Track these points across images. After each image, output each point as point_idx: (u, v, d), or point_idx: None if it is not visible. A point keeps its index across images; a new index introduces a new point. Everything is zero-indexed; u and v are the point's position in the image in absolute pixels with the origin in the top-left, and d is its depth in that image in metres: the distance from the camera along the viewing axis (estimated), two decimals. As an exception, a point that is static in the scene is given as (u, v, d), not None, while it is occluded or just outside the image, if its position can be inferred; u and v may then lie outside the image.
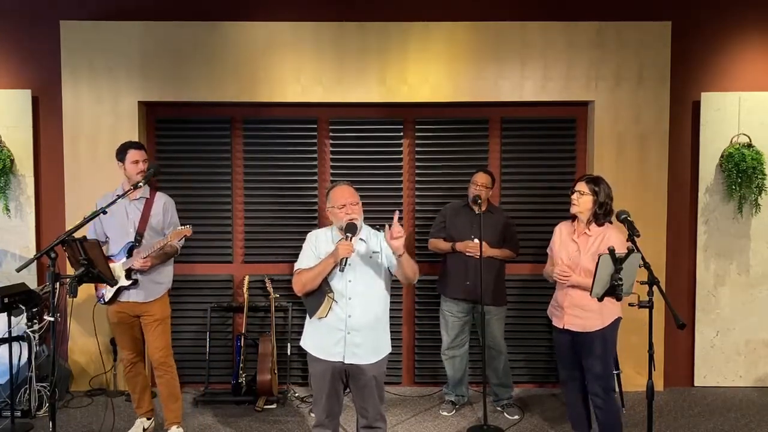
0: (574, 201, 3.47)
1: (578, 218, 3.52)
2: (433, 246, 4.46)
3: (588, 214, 3.45)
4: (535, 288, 4.89)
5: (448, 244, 4.33)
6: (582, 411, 3.67)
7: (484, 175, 4.31)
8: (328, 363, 2.99)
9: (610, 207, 3.45)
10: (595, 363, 3.42)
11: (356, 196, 3.03)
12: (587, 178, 3.52)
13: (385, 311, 3.08)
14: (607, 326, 3.41)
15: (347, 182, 3.12)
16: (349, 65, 4.74)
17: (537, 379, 4.99)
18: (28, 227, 4.87)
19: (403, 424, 4.28)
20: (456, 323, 4.36)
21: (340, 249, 2.84)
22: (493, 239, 4.26)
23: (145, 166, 3.73)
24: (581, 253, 3.44)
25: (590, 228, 3.46)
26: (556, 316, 3.59)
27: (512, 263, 4.63)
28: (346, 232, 2.90)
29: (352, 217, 2.95)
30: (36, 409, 4.32)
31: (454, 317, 4.36)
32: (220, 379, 4.88)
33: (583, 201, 3.44)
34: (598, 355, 3.41)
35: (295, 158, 4.95)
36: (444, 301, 4.43)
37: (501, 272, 4.39)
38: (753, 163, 4.75)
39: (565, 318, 3.49)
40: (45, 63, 4.84)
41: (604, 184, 3.45)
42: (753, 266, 4.94)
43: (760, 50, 4.93)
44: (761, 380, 4.98)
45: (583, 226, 3.49)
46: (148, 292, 3.77)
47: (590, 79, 4.75)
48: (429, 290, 4.88)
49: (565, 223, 3.64)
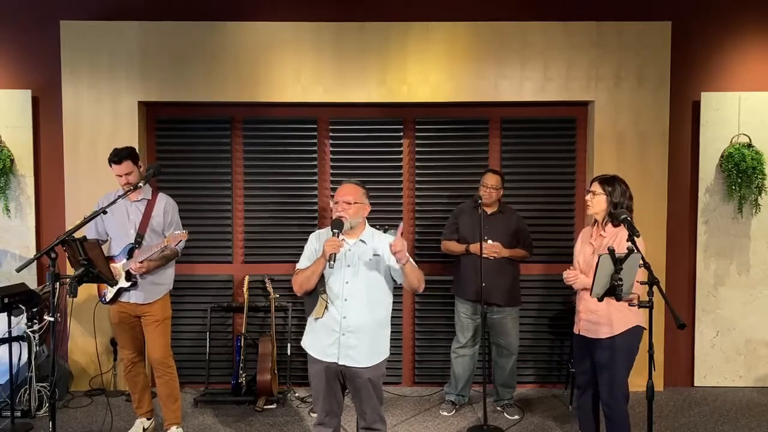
0: (588, 202, 3.37)
1: (596, 220, 3.40)
2: (445, 248, 4.45)
3: (603, 214, 3.34)
4: (534, 288, 4.90)
5: (462, 246, 4.31)
6: (591, 418, 3.55)
7: (494, 176, 4.30)
8: (323, 363, 2.98)
9: (627, 206, 3.31)
10: (604, 371, 3.31)
11: (356, 195, 2.99)
12: (600, 177, 3.40)
13: (385, 314, 3.05)
14: (618, 334, 3.27)
15: (357, 181, 3.09)
16: (349, 65, 4.74)
17: (537, 379, 5.00)
18: (28, 227, 4.87)
19: (403, 424, 4.28)
20: (470, 324, 4.37)
21: (326, 245, 2.85)
22: (504, 240, 4.25)
23: (128, 179, 3.67)
24: (596, 255, 3.25)
25: (605, 229, 3.34)
26: (575, 321, 3.48)
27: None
28: (332, 228, 2.91)
29: (340, 215, 2.94)
30: (36, 409, 4.31)
31: (469, 319, 4.37)
32: (220, 379, 4.88)
33: (597, 201, 3.34)
34: (605, 364, 3.29)
35: (295, 158, 4.95)
36: (458, 302, 4.43)
37: (516, 273, 4.39)
38: (753, 163, 4.75)
39: (580, 323, 3.41)
40: (45, 63, 4.84)
41: (620, 183, 3.34)
42: (753, 266, 4.94)
43: (760, 50, 4.93)
44: (761, 380, 4.98)
45: (599, 228, 3.38)
46: (148, 294, 3.76)
47: (590, 79, 4.75)
48: (429, 290, 4.85)
49: (586, 228, 3.56)
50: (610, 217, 3.31)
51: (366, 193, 3.06)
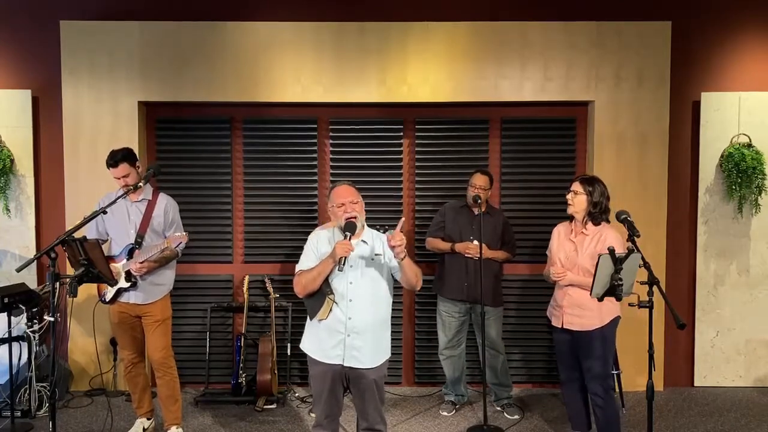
0: (570, 201, 3.53)
1: (575, 218, 3.55)
2: (431, 245, 4.46)
3: (583, 213, 3.49)
4: (534, 288, 4.89)
5: (447, 244, 4.33)
6: (582, 410, 3.69)
7: (483, 177, 4.31)
8: (327, 365, 2.96)
9: (606, 206, 3.48)
10: (595, 362, 3.43)
11: (357, 195, 3.02)
12: (581, 178, 3.57)
13: (387, 314, 3.06)
14: (605, 325, 3.43)
15: (349, 182, 3.12)
16: (349, 65, 4.74)
17: (537, 379, 4.99)
18: (28, 227, 4.87)
19: (403, 424, 4.28)
20: (453, 323, 4.37)
21: (338, 248, 2.82)
22: (492, 240, 4.27)
23: (126, 180, 3.67)
24: (578, 253, 3.47)
25: (587, 227, 3.49)
26: (555, 315, 3.61)
27: (511, 263, 4.65)
28: (344, 231, 2.89)
29: (350, 216, 2.93)
30: (36, 409, 4.31)
31: (452, 317, 4.36)
32: (220, 379, 4.88)
33: (578, 201, 3.49)
34: (597, 355, 3.43)
35: (295, 158, 4.95)
36: (441, 301, 4.43)
37: (499, 273, 4.42)
38: (753, 163, 4.75)
39: (564, 317, 3.52)
40: (45, 63, 4.84)
41: (599, 184, 3.49)
42: (753, 266, 4.94)
43: (760, 50, 4.93)
44: (761, 380, 4.98)
45: (579, 226, 3.52)
46: (148, 294, 3.76)
47: (590, 79, 4.75)
48: (429, 290, 4.87)
49: (563, 224, 3.68)
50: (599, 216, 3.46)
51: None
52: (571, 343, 3.55)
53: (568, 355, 3.59)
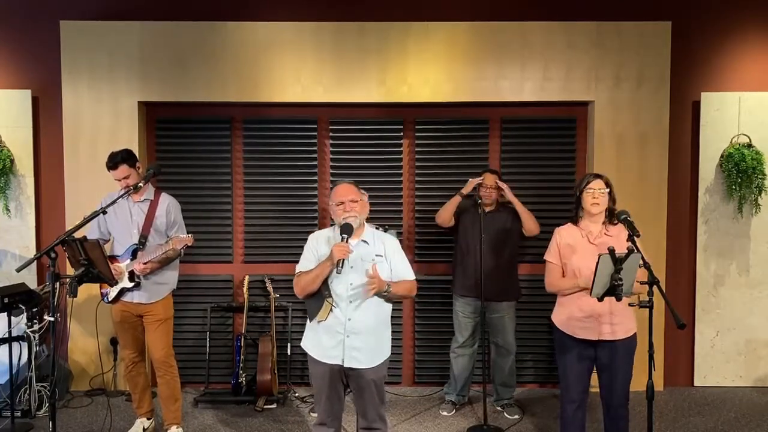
0: (596, 199, 3.20)
1: (586, 220, 3.27)
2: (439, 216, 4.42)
3: (604, 212, 3.25)
4: (535, 288, 4.88)
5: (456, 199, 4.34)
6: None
7: (492, 177, 4.36)
8: (327, 365, 2.96)
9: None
10: (618, 372, 3.18)
11: (357, 193, 3.01)
12: (598, 175, 3.29)
13: (386, 315, 3.06)
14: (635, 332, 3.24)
15: (351, 181, 3.10)
16: (349, 65, 4.74)
17: (537, 379, 5.00)
18: (28, 227, 4.87)
19: (403, 424, 4.28)
20: (468, 323, 4.38)
21: (335, 251, 2.82)
22: (498, 237, 4.30)
23: (127, 181, 3.68)
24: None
25: (608, 228, 3.25)
26: (585, 328, 3.19)
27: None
28: (341, 233, 2.89)
29: (348, 216, 2.93)
30: (36, 409, 4.32)
31: (467, 318, 4.38)
32: (220, 379, 4.88)
33: (604, 199, 3.22)
34: (620, 364, 3.18)
35: (295, 158, 4.95)
36: (456, 300, 4.44)
37: (511, 265, 4.40)
38: (753, 163, 4.75)
39: (603, 327, 3.16)
40: (45, 63, 4.84)
41: None
42: (753, 266, 4.94)
43: (760, 50, 4.93)
44: (761, 380, 4.98)
45: (599, 227, 3.26)
46: (151, 294, 3.77)
47: (590, 79, 4.75)
48: (429, 290, 4.88)
49: (566, 228, 3.35)
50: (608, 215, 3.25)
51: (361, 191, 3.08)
52: (594, 358, 3.22)
53: (587, 372, 3.27)
